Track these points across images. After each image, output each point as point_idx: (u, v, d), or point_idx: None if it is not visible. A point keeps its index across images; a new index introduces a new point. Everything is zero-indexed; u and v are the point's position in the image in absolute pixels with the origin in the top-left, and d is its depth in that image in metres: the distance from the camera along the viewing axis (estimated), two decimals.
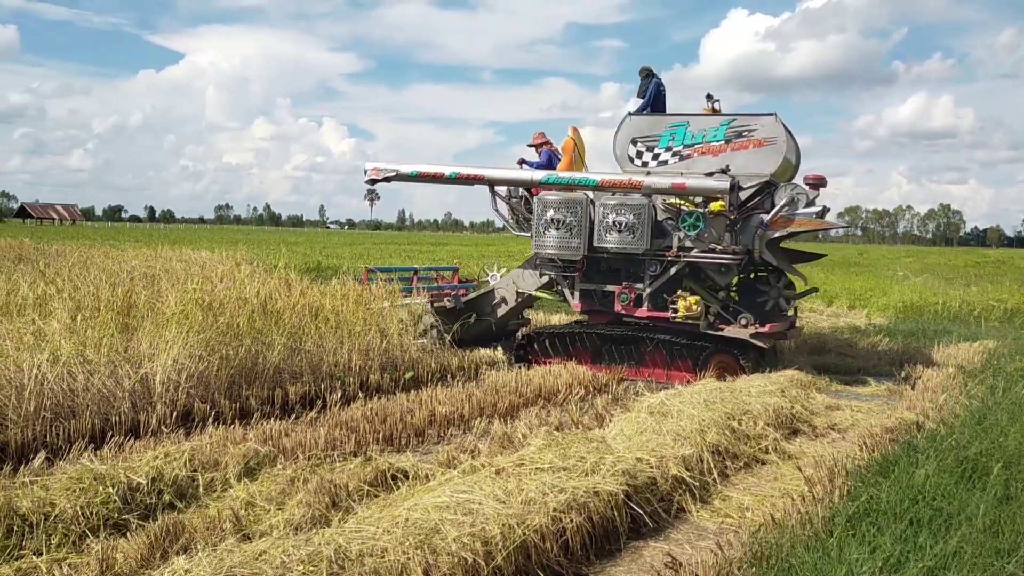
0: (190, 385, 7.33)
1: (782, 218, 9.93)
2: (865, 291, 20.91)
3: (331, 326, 9.36)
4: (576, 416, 7.74)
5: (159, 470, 5.22)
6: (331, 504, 5.15)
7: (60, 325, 7.38)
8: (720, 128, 10.37)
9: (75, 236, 44.50)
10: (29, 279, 9.67)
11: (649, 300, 10.54)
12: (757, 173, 10.13)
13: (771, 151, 10.09)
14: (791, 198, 9.93)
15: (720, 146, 10.32)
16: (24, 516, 4.54)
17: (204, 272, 11.37)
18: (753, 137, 10.16)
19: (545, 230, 10.82)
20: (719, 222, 10.05)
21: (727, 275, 10.28)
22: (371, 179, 12.12)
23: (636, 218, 10.28)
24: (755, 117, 10.24)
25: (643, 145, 10.84)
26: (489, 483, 4.84)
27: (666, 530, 5.27)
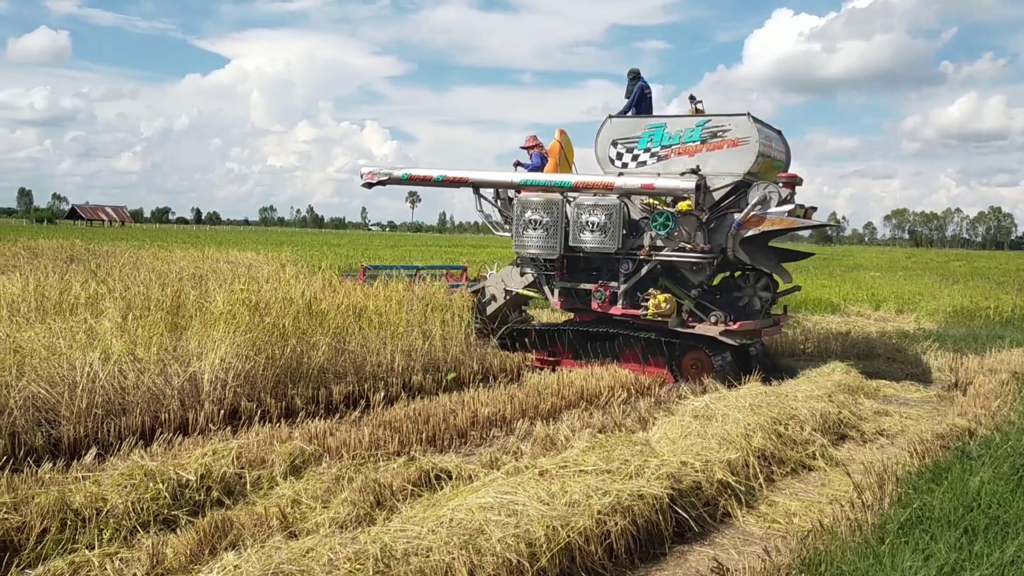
0: (237, 384, 7.42)
1: (755, 217, 9.98)
2: (913, 295, 20.52)
3: (374, 327, 9.42)
4: (619, 419, 7.70)
5: (208, 467, 5.29)
6: (375, 503, 5.18)
7: (112, 324, 7.53)
8: (696, 129, 10.44)
9: (124, 237, 45.46)
10: (81, 279, 9.89)
11: (624, 298, 10.65)
12: (731, 172, 10.18)
13: (744, 151, 10.12)
14: (763, 197, 9.97)
15: (696, 146, 10.40)
16: (77, 511, 4.64)
17: (250, 273, 11.52)
18: (727, 137, 10.22)
19: (524, 230, 11.06)
20: (690, 221, 10.15)
21: (699, 273, 10.39)
22: (367, 182, 12.53)
23: (608, 218, 10.46)
24: (728, 117, 10.30)
25: (623, 147, 10.97)
26: (533, 484, 4.83)
27: (711, 535, 5.21)
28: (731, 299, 10.89)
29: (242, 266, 14.26)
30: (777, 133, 11.24)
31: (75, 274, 10.45)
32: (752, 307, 10.79)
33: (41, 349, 6.82)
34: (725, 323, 10.09)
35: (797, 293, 12.54)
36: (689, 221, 10.15)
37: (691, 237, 10.19)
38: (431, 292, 10.65)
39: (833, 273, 32.23)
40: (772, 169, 10.69)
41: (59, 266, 12.08)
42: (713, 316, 10.20)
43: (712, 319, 10.18)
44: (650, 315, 10.28)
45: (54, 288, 9.14)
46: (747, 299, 10.84)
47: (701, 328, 10.19)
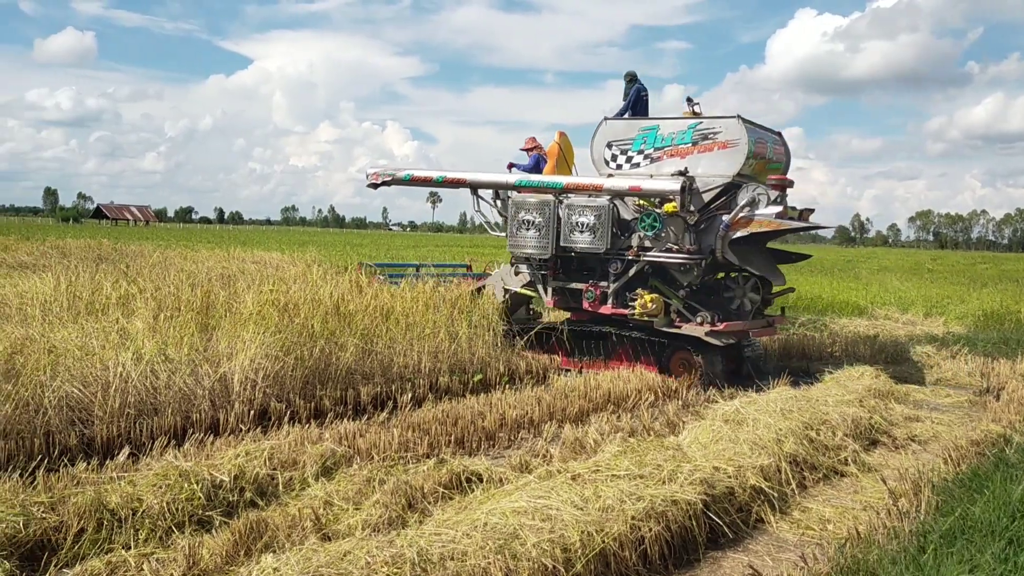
0: (266, 384, 7.45)
1: (743, 218, 10.01)
2: (942, 298, 20.29)
3: (401, 328, 9.44)
4: (647, 422, 7.66)
5: (241, 468, 5.31)
6: (407, 505, 5.18)
7: (143, 324, 7.59)
8: (688, 131, 10.50)
9: (149, 237, 45.86)
10: (112, 279, 9.97)
11: (613, 297, 10.76)
12: (721, 174, 10.23)
13: (734, 152, 10.13)
14: (752, 199, 9.99)
15: (687, 148, 10.46)
16: (113, 511, 4.67)
17: (278, 274, 11.58)
18: (718, 139, 10.26)
19: (517, 230, 11.26)
20: (677, 222, 10.23)
21: (687, 274, 10.40)
22: (372, 183, 12.84)
23: (597, 219, 10.61)
24: (719, 120, 10.35)
25: (617, 148, 11.07)
26: (566, 489, 4.81)
27: (745, 541, 5.17)
28: (722, 300, 10.92)
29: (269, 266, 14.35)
30: (776, 135, 11.27)
31: (105, 274, 10.54)
32: (741, 308, 10.79)
33: (74, 349, 6.88)
34: (711, 323, 10.12)
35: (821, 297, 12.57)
36: (676, 222, 10.23)
37: (678, 238, 10.27)
38: (458, 294, 10.65)
39: (859, 275, 31.90)
40: (768, 171, 10.71)
41: (89, 266, 12.19)
42: (699, 316, 10.23)
43: (698, 319, 10.22)
44: (637, 315, 10.36)
45: (85, 288, 9.22)
46: (737, 300, 10.87)
47: (687, 328, 10.23)
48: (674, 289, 10.56)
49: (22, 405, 6.09)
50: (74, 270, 10.83)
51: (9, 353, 6.61)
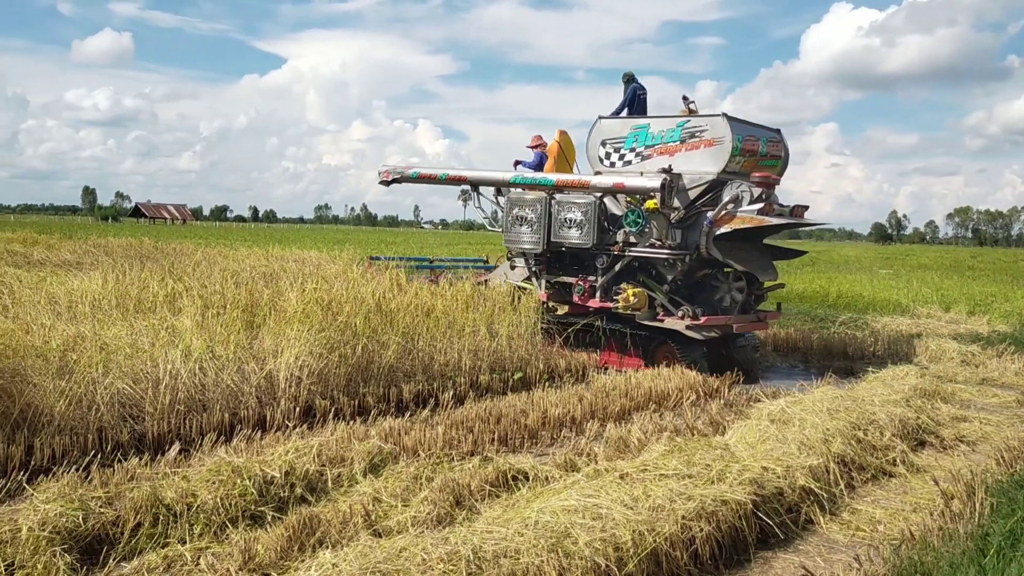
0: (311, 382, 7.54)
1: (727, 215, 10.17)
2: (985, 297, 19.93)
3: (442, 326, 9.48)
4: (691, 421, 7.62)
5: (291, 464, 5.37)
6: (455, 503, 5.21)
7: (191, 322, 7.70)
8: (676, 129, 10.69)
9: (187, 235, 46.48)
10: (157, 277, 10.13)
11: (601, 292, 11.01)
12: (707, 171, 10.40)
13: (719, 150, 10.30)
14: (735, 196, 10.16)
15: (676, 146, 10.66)
16: (168, 505, 4.74)
17: (319, 272, 11.69)
18: (704, 137, 10.44)
19: (512, 226, 11.69)
20: (661, 219, 10.42)
21: (672, 269, 10.62)
22: (383, 180, 13.41)
23: (584, 215, 10.94)
24: (706, 118, 10.54)
25: (611, 146, 11.32)
26: (615, 488, 4.81)
27: (795, 542, 5.13)
28: (709, 295, 11.07)
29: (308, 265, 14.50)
30: (774, 132, 11.36)
31: (151, 272, 10.71)
32: (726, 303, 10.93)
33: (125, 346, 7.00)
34: (692, 317, 10.28)
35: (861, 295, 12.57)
36: (660, 218, 10.42)
37: (661, 234, 10.49)
38: (499, 292, 10.68)
39: (898, 272, 31.46)
40: (762, 168, 10.80)
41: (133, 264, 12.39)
42: (680, 311, 10.41)
43: (679, 313, 10.40)
44: (620, 308, 10.59)
45: (133, 286, 9.38)
46: (722, 295, 10.99)
47: (669, 322, 10.45)
48: (660, 284, 10.78)
49: (76, 401, 6.22)
50: (120, 268, 11.01)
51: (62, 350, 6.74)
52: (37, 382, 6.25)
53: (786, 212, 10.51)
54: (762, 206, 10.08)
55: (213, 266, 12.85)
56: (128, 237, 31.55)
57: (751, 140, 10.61)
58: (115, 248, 23.20)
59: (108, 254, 20.41)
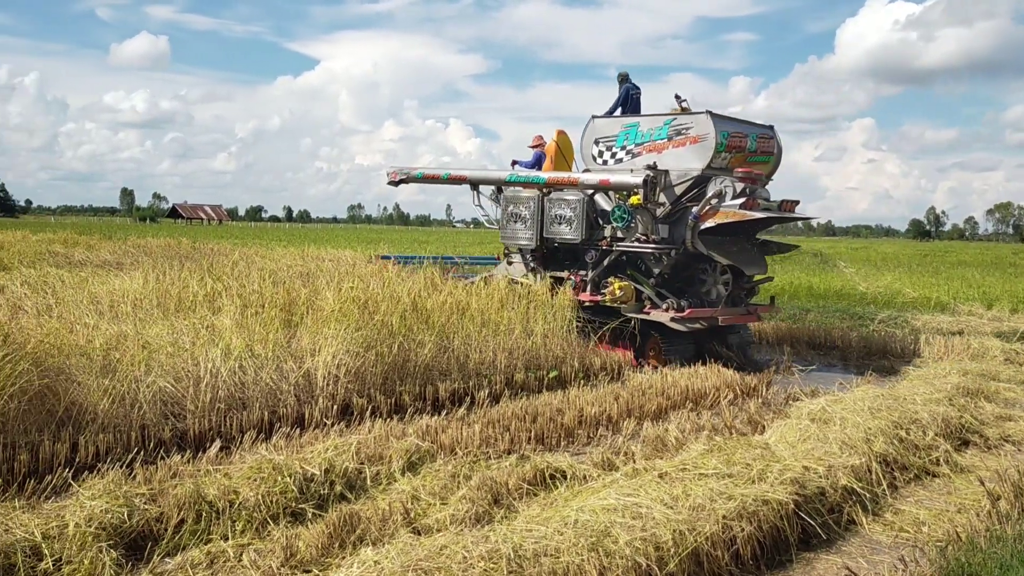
0: (348, 380, 7.58)
1: (711, 209, 10.37)
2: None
3: (476, 325, 9.49)
4: (729, 420, 7.56)
5: (330, 462, 5.41)
6: (493, 501, 5.21)
7: (230, 321, 7.78)
8: (664, 127, 10.99)
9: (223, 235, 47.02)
10: (196, 276, 10.25)
11: (591, 285, 11.32)
12: (691, 168, 10.66)
13: (703, 147, 10.56)
14: (719, 191, 10.38)
15: (663, 144, 10.96)
16: (211, 502, 4.80)
17: (355, 271, 11.78)
18: (689, 134, 10.71)
19: (507, 223, 12.21)
20: (646, 214, 10.73)
21: (658, 263, 10.94)
22: (390, 181, 14.00)
23: (573, 211, 11.40)
24: (691, 116, 10.81)
25: (603, 145, 11.68)
26: (655, 487, 4.78)
27: (837, 542, 5.07)
28: (697, 288, 11.29)
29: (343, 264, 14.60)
30: (766, 129, 11.51)
31: (190, 272, 10.84)
32: (712, 296, 11.09)
33: (166, 345, 7.09)
34: (676, 309, 10.46)
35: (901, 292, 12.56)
36: (645, 214, 10.72)
37: (646, 229, 10.78)
38: (535, 290, 10.68)
39: (938, 270, 30.93)
40: (752, 164, 11.03)
41: (173, 264, 12.56)
42: (665, 303, 10.61)
43: (664, 306, 10.60)
44: (607, 301, 10.86)
45: (174, 285, 9.50)
46: (709, 288, 11.16)
47: (655, 314, 10.61)
48: (647, 277, 11.08)
49: (119, 399, 6.32)
50: (159, 268, 11.17)
51: (105, 349, 6.85)
52: (81, 381, 6.36)
53: (774, 207, 10.72)
54: (744, 201, 10.25)
55: (251, 266, 13.00)
56: (166, 237, 31.99)
57: (738, 136, 10.81)
58: (154, 248, 23.54)
59: (148, 254, 20.72)
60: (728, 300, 10.96)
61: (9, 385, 5.75)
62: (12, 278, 11.38)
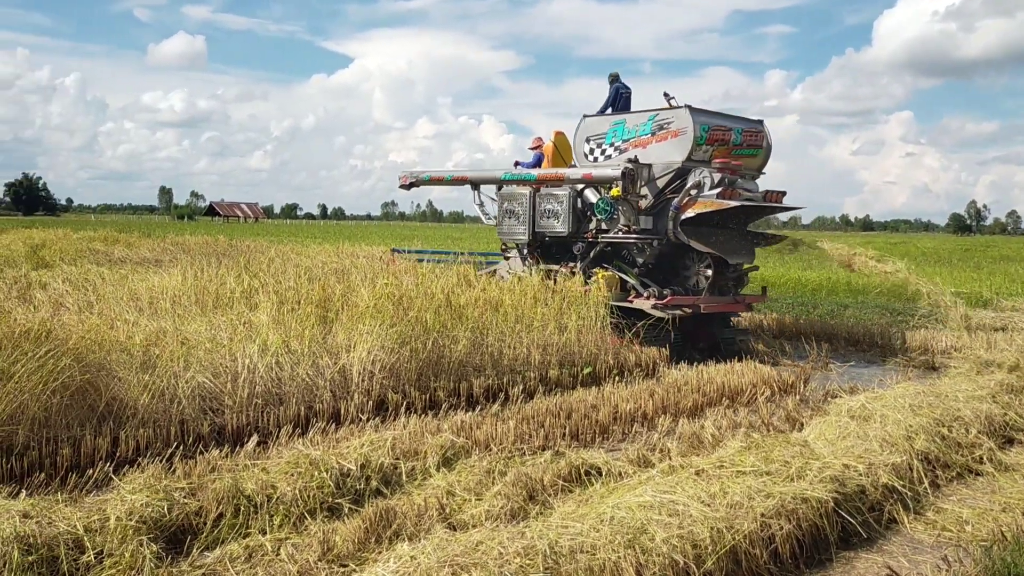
0: (383, 376, 7.61)
1: (690, 200, 10.80)
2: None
3: (510, 321, 9.48)
4: (766, 417, 7.48)
5: (366, 457, 5.44)
6: (528, 497, 5.20)
7: (267, 317, 7.85)
8: (647, 123, 11.43)
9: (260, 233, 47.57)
10: (234, 273, 10.36)
11: (582, 276, 11.55)
12: (672, 161, 11.07)
13: (683, 140, 10.94)
14: (697, 182, 10.78)
15: (647, 139, 11.39)
16: (249, 496, 4.85)
17: (389, 268, 11.84)
18: (670, 129, 11.12)
19: (503, 219, 12.82)
20: (629, 206, 11.20)
21: (642, 253, 11.35)
22: (402, 184, 14.75)
23: (560, 206, 11.96)
24: (672, 111, 11.25)
25: (594, 143, 12.10)
26: (691, 484, 4.74)
27: (878, 541, 4.98)
28: (682, 277, 11.66)
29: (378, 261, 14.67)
30: (756, 123, 11.89)
31: (227, 269, 10.97)
32: (695, 285, 11.43)
33: (205, 341, 7.17)
34: (658, 298, 10.80)
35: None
36: (628, 205, 11.21)
37: (628, 220, 11.26)
38: (568, 287, 10.66)
39: (979, 265, 30.36)
40: (736, 156, 11.35)
41: (210, 261, 12.71)
42: (647, 292, 10.94)
43: (645, 294, 10.93)
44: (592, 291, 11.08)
45: (213, 282, 9.61)
46: (691, 277, 11.51)
47: (637, 302, 10.91)
48: (632, 267, 11.50)
49: (158, 395, 6.40)
50: (197, 265, 11.30)
51: (145, 345, 6.95)
52: (122, 376, 6.45)
53: (758, 198, 11.12)
54: (720, 190, 10.63)
55: (286, 263, 13.12)
56: (204, 235, 32.42)
57: (720, 130, 11.17)
58: (192, 246, 23.85)
59: (186, 252, 21.00)
60: (714, 289, 11.33)
61: (52, 381, 5.85)
62: (54, 275, 11.59)
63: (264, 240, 29.92)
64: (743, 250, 11.39)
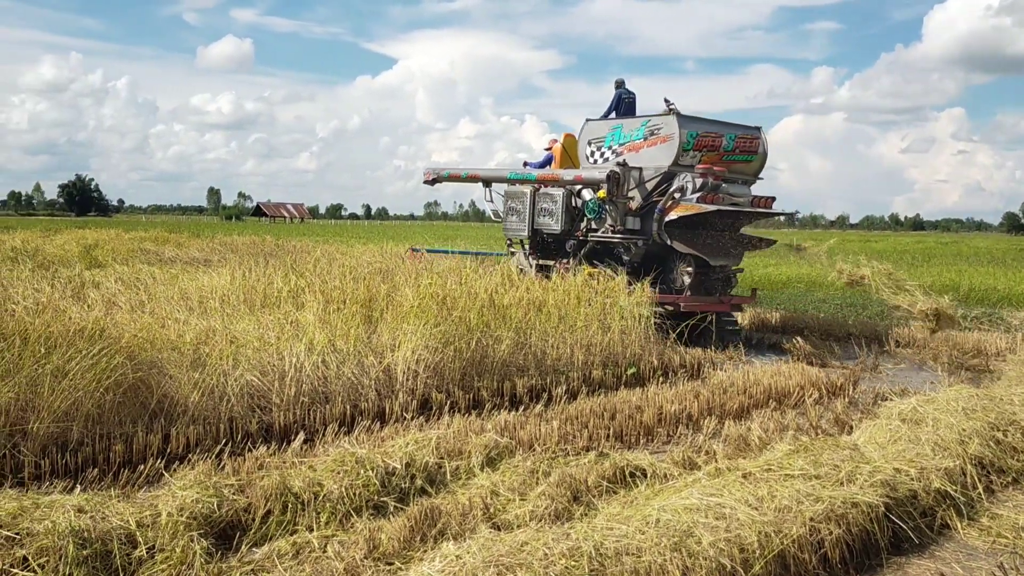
0: (427, 375, 7.65)
1: (673, 203, 11.37)
2: None
3: (553, 321, 9.47)
4: (814, 420, 7.36)
5: (411, 456, 5.46)
6: (572, 498, 5.18)
7: (313, 317, 7.94)
8: (641, 128, 12.02)
9: (305, 233, 48.10)
10: (281, 273, 10.50)
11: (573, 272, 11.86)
12: (660, 165, 11.66)
13: (670, 146, 11.53)
14: (680, 186, 11.38)
15: (640, 143, 11.97)
16: (296, 494, 4.90)
17: (432, 267, 11.91)
18: (659, 135, 11.72)
19: (507, 217, 13.51)
20: (617, 207, 11.79)
21: (628, 251, 11.98)
22: (426, 180, 15.32)
23: (555, 205, 12.61)
24: (662, 117, 11.77)
25: (595, 146, 12.74)
26: (738, 488, 4.68)
27: (930, 547, 4.88)
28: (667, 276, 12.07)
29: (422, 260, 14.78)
30: (753, 130, 12.35)
31: (275, 269, 11.11)
32: (677, 284, 11.87)
33: (253, 340, 7.28)
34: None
35: (995, 288, 12.82)
36: (616, 207, 11.78)
37: (615, 220, 11.86)
38: (611, 287, 10.62)
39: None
40: (729, 162, 11.90)
41: (258, 261, 12.90)
42: (629, 288, 11.05)
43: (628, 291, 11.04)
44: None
45: (260, 282, 9.75)
46: (675, 276, 11.93)
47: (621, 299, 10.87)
48: (617, 265, 12.07)
49: (208, 392, 6.51)
50: (245, 265, 11.47)
51: (195, 344, 7.07)
52: (173, 374, 6.58)
53: (744, 203, 11.59)
54: (700, 195, 11.20)
55: (332, 262, 13.24)
56: (251, 235, 32.89)
57: (710, 136, 11.72)
58: (240, 246, 24.20)
59: (234, 251, 21.30)
60: (699, 289, 11.74)
61: (105, 378, 5.99)
62: (107, 275, 11.84)
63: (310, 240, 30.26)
64: (727, 252, 11.80)
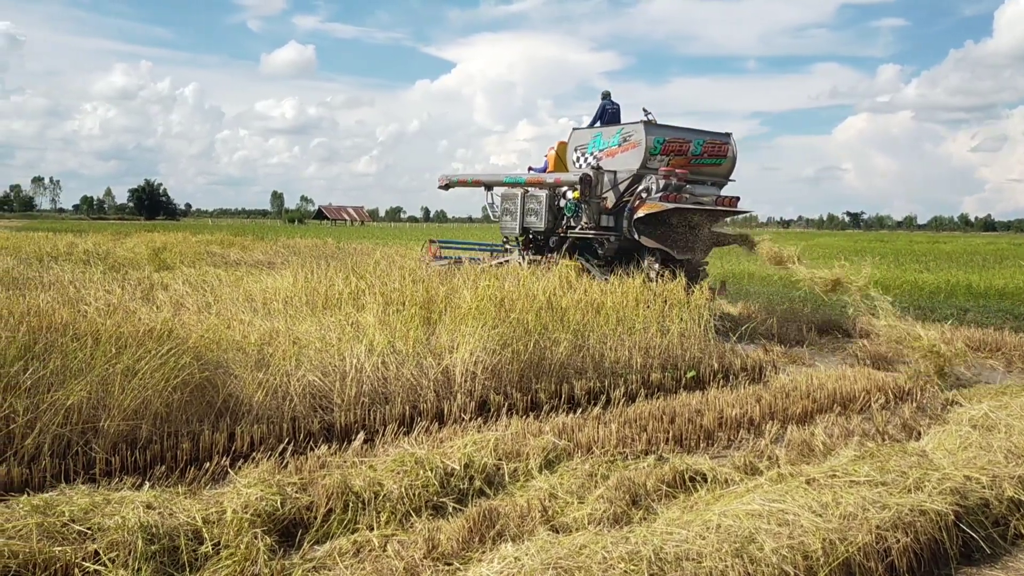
0: (485, 377, 7.67)
1: (640, 203, 12.47)
2: None
3: (612, 323, 9.42)
4: (881, 425, 7.18)
5: (469, 457, 5.49)
6: (631, 502, 5.15)
7: (373, 318, 8.03)
8: (616, 135, 13.14)
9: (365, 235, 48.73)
10: (342, 275, 10.65)
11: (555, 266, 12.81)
12: (630, 168, 12.74)
13: (639, 151, 12.63)
14: (646, 187, 12.53)
15: (616, 149, 13.07)
16: (357, 493, 4.96)
17: (490, 269, 11.99)
18: (630, 140, 12.82)
19: (502, 216, 14.83)
20: (592, 206, 12.96)
21: (603, 247, 13.18)
22: (440, 186, 16.48)
23: (540, 205, 13.95)
24: (633, 125, 12.92)
25: (580, 151, 13.90)
26: (802, 494, 4.60)
27: (1003, 558, 4.72)
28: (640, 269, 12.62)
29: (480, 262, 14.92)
30: (723, 136, 13.43)
31: (336, 271, 11.29)
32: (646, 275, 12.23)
33: (315, 341, 7.40)
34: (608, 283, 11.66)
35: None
36: (591, 206, 12.94)
37: (590, 218, 13.01)
38: (670, 289, 10.52)
39: None
40: (697, 166, 13.02)
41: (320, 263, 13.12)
42: (598, 280, 11.80)
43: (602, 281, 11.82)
44: None
45: (322, 284, 9.91)
46: (645, 269, 12.61)
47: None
48: (593, 259, 13.34)
49: (272, 392, 6.64)
50: (307, 267, 11.67)
51: (260, 344, 7.22)
52: (238, 374, 6.73)
53: (707, 202, 12.61)
54: (663, 195, 12.30)
55: (391, 265, 13.41)
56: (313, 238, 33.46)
57: (677, 142, 12.78)
58: (302, 248, 24.65)
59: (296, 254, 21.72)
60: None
61: (173, 377, 6.15)
62: (175, 277, 12.18)
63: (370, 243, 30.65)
64: (691, 247, 12.75)
